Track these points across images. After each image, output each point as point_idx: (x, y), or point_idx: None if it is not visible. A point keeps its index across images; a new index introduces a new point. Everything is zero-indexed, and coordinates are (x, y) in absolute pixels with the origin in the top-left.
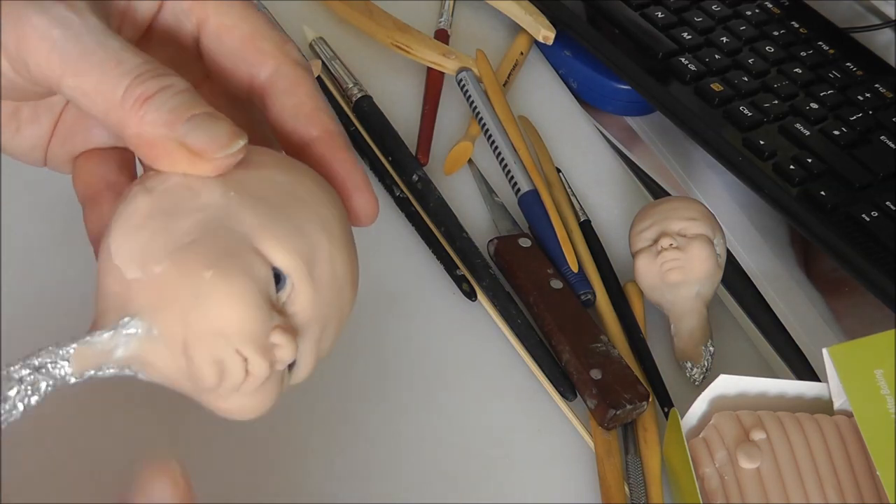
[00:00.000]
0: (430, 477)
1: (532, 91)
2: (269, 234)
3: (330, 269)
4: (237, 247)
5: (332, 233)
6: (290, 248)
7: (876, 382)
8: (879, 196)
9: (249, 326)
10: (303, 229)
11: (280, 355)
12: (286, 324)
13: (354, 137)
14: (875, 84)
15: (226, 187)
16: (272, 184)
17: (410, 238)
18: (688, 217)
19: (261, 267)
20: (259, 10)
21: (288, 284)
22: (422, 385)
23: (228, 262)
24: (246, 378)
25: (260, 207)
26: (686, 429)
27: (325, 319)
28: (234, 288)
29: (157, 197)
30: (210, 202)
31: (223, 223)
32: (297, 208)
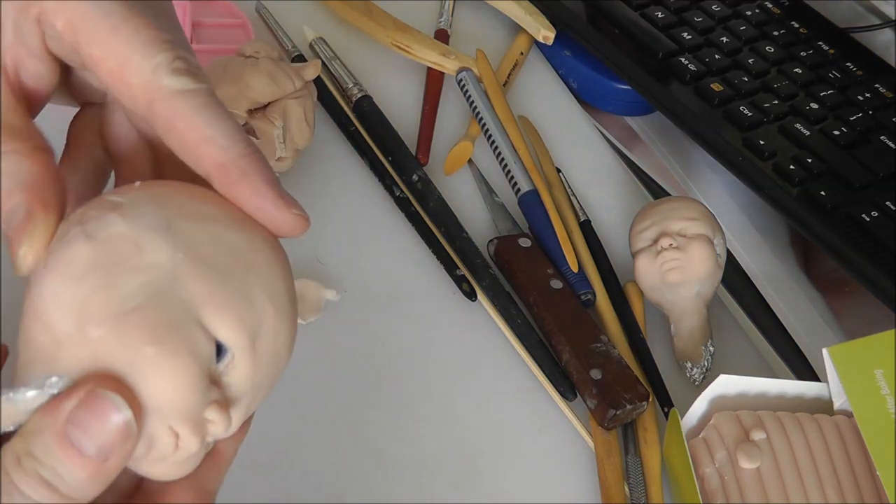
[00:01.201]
0: (429, 476)
1: (532, 91)
2: (216, 307)
3: (272, 342)
4: (182, 320)
5: (280, 306)
6: (236, 322)
7: (876, 382)
8: (879, 196)
9: (186, 404)
10: (252, 303)
11: (213, 431)
12: (222, 398)
13: (354, 137)
14: (875, 84)
15: (174, 247)
16: (221, 245)
17: (410, 238)
18: (688, 217)
19: (204, 343)
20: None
21: (228, 356)
22: (422, 385)
23: (172, 339)
24: (175, 451)
25: (209, 275)
26: (686, 429)
27: (260, 389)
28: (175, 367)
29: (98, 247)
30: (156, 262)
31: (169, 289)
32: (247, 277)
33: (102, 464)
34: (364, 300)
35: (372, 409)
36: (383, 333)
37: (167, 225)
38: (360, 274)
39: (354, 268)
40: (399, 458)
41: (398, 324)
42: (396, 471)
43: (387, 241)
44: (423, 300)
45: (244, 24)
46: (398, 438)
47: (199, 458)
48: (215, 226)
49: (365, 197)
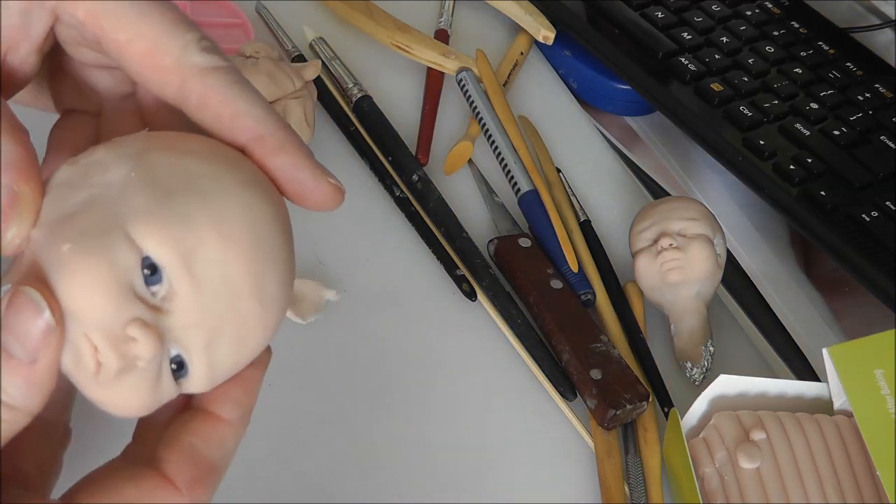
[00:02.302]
0: (429, 476)
1: (532, 91)
2: (145, 220)
3: (219, 270)
4: (108, 228)
5: (228, 233)
6: (165, 237)
7: (876, 382)
8: (879, 196)
9: (98, 312)
10: (187, 220)
11: (135, 350)
12: (150, 318)
13: (354, 137)
14: (875, 84)
15: (132, 168)
16: (181, 172)
17: (410, 238)
18: (688, 217)
19: (125, 252)
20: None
21: (165, 280)
22: (422, 385)
23: (89, 242)
24: (99, 368)
25: (151, 192)
26: (686, 429)
27: (214, 327)
28: (85, 269)
29: (75, 169)
30: (111, 179)
31: (110, 203)
32: (192, 199)
33: (32, 366)
34: (364, 300)
35: (371, 408)
36: (383, 333)
37: (138, 153)
38: (360, 274)
39: (354, 268)
40: (399, 457)
41: (398, 324)
42: (396, 470)
43: (387, 241)
44: (423, 300)
45: (244, 24)
46: (398, 438)
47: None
48: (186, 157)
49: (365, 197)
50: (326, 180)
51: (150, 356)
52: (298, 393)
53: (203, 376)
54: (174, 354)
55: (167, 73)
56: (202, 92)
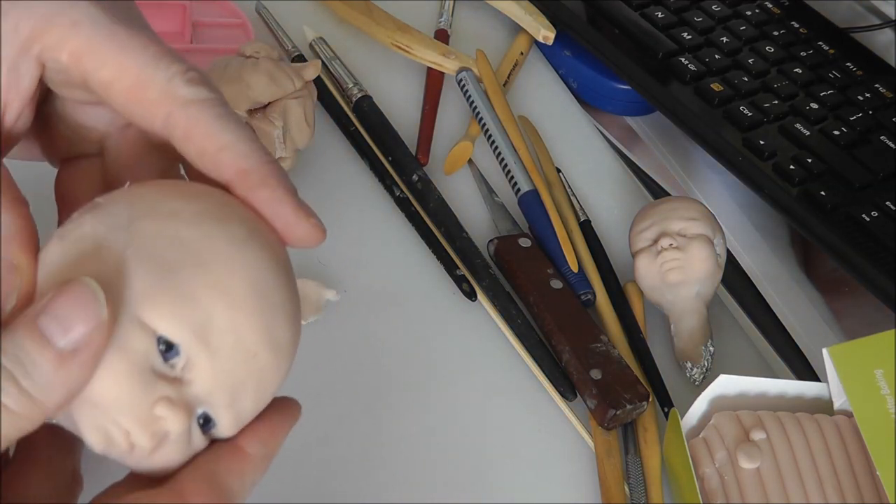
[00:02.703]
0: (430, 477)
1: (532, 91)
2: (153, 304)
3: (232, 337)
4: (115, 314)
5: (234, 299)
6: (176, 317)
7: (876, 382)
8: (879, 196)
9: (124, 400)
10: (194, 298)
11: (166, 427)
12: (174, 394)
13: (354, 137)
14: (875, 84)
15: (126, 244)
16: (175, 242)
17: (410, 238)
18: (688, 217)
19: (139, 338)
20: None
21: (182, 352)
22: (422, 385)
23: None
24: (131, 449)
25: (152, 270)
26: (686, 429)
27: (235, 386)
28: (104, 363)
29: (65, 246)
30: (107, 259)
31: (112, 286)
32: (194, 274)
33: (70, 357)
34: (364, 300)
35: (371, 408)
36: (383, 333)
37: (128, 224)
38: (360, 274)
39: (354, 268)
40: (399, 457)
41: (398, 324)
42: (396, 471)
43: (387, 241)
44: (423, 300)
45: (244, 24)
46: (398, 438)
47: (175, 453)
48: (173, 223)
49: (365, 197)
50: (307, 218)
51: (181, 430)
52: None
53: (230, 426)
54: (200, 413)
55: (153, 105)
56: (186, 124)
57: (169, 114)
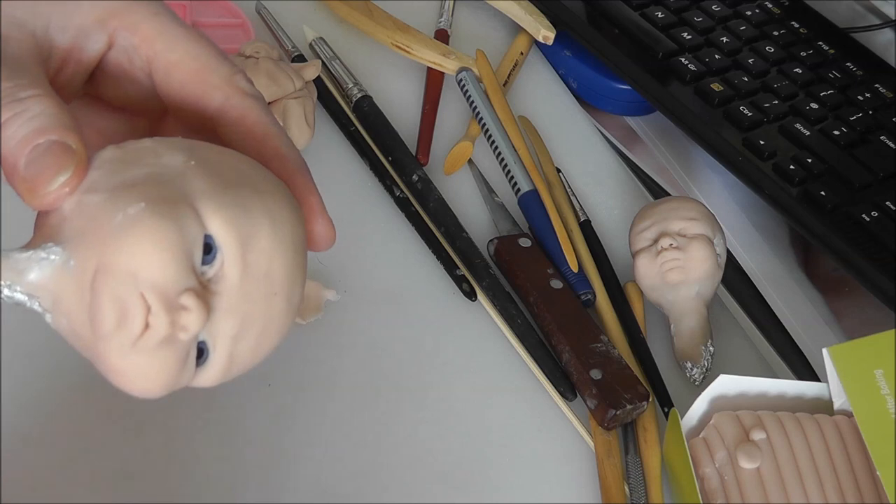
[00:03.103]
0: (429, 477)
1: (532, 91)
2: (213, 201)
3: (266, 262)
4: (177, 198)
5: (279, 231)
6: (229, 220)
7: (876, 382)
8: (879, 196)
9: (160, 273)
10: (249, 210)
11: (185, 321)
12: (200, 290)
13: (354, 137)
14: (875, 84)
15: (188, 157)
16: (235, 170)
17: (410, 238)
18: (688, 217)
19: (193, 224)
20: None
21: (217, 260)
22: (421, 385)
23: (161, 204)
24: (144, 330)
25: (214, 178)
26: (686, 429)
27: (247, 317)
28: (156, 229)
29: (122, 151)
30: (169, 163)
31: (173, 180)
32: (251, 194)
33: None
34: (364, 300)
35: (371, 408)
36: (383, 333)
37: (189, 148)
38: (360, 274)
39: (354, 268)
40: (398, 457)
41: (398, 323)
42: (396, 470)
43: (387, 241)
44: (423, 300)
45: (244, 24)
46: (397, 438)
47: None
48: (235, 160)
49: (365, 197)
50: (328, 217)
51: (198, 328)
52: (298, 393)
53: (220, 368)
54: (201, 339)
55: (213, 88)
56: (241, 110)
57: (227, 97)
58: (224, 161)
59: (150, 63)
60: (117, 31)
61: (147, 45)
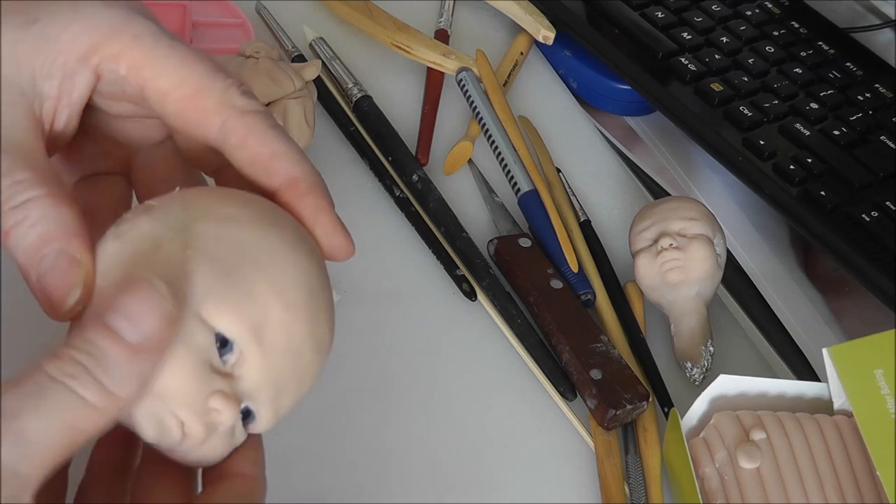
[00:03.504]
0: (429, 477)
1: (532, 91)
2: (215, 301)
3: (284, 336)
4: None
5: (288, 300)
6: (235, 315)
7: (876, 382)
8: (879, 196)
9: (183, 391)
10: (253, 296)
11: (218, 419)
12: (228, 388)
13: (354, 137)
14: (875, 84)
15: (186, 244)
16: (233, 244)
17: (410, 238)
18: (688, 217)
19: (200, 334)
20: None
21: (235, 349)
22: (421, 385)
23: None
24: (184, 438)
25: (213, 270)
26: (686, 429)
27: (280, 383)
28: (168, 357)
29: (123, 245)
30: (168, 256)
31: (175, 285)
32: (252, 273)
33: (141, 351)
34: (364, 300)
35: (371, 409)
36: (383, 333)
37: (185, 226)
38: (360, 274)
39: (354, 268)
40: (398, 458)
41: (398, 324)
42: (396, 471)
43: (387, 241)
44: (423, 300)
45: (244, 24)
46: (397, 439)
47: (219, 446)
48: (231, 226)
49: (365, 197)
50: (344, 232)
51: (231, 423)
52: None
53: (268, 421)
54: (242, 407)
55: (209, 113)
56: (242, 132)
57: (225, 121)
58: (221, 233)
59: (142, 91)
60: (102, 64)
61: (134, 74)
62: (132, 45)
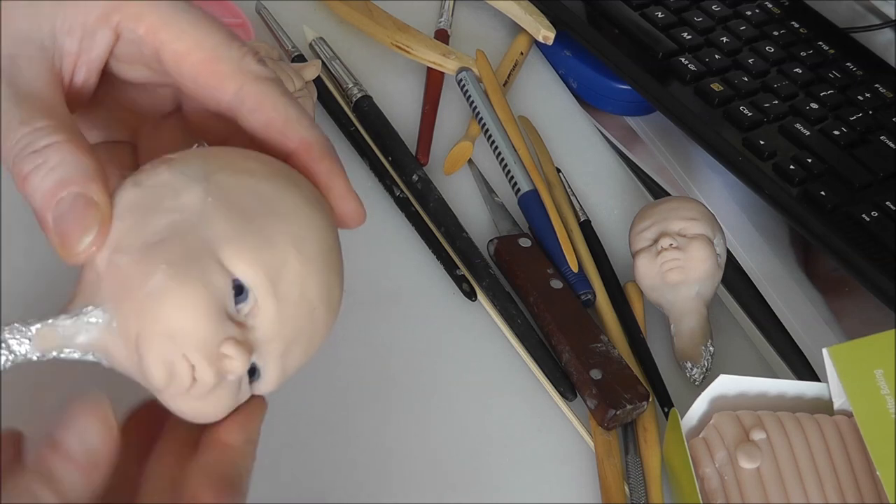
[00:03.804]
0: (429, 477)
1: (532, 91)
2: (235, 246)
3: (299, 288)
4: (200, 254)
5: (306, 252)
6: (254, 261)
7: (876, 382)
8: (879, 196)
9: (197, 334)
10: (272, 244)
11: (229, 367)
12: (241, 336)
13: (354, 137)
14: (875, 84)
15: (206, 191)
16: (253, 194)
17: (410, 238)
18: (688, 217)
19: (219, 277)
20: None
21: (251, 298)
22: (421, 385)
23: (186, 268)
24: (193, 384)
25: (234, 217)
26: (686, 429)
27: (291, 337)
28: (185, 294)
29: (142, 192)
30: (188, 204)
31: (194, 228)
32: (272, 222)
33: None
34: (364, 300)
35: (371, 409)
36: (383, 333)
37: (206, 175)
38: (359, 274)
39: (354, 268)
40: (398, 458)
41: (398, 324)
42: (395, 471)
43: (387, 241)
44: (423, 300)
45: (244, 24)
46: (397, 439)
47: (225, 398)
48: (251, 178)
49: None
50: (356, 197)
51: (243, 370)
52: (297, 393)
53: (274, 380)
54: (251, 362)
55: (225, 78)
56: (258, 97)
57: (241, 86)
58: (242, 184)
59: (158, 54)
60: (121, 24)
61: (152, 35)
62: (151, 7)
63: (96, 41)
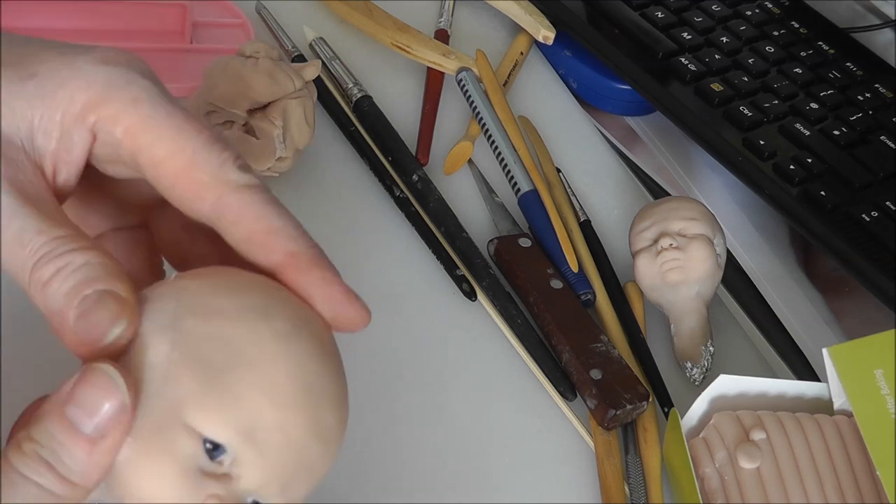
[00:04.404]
0: (429, 477)
1: (532, 91)
2: (201, 407)
3: (279, 434)
4: (165, 421)
5: (280, 398)
6: (221, 420)
7: (876, 382)
8: (879, 196)
9: (173, 500)
10: (241, 399)
11: None
12: (223, 489)
13: (354, 137)
14: (875, 84)
15: (173, 344)
16: (220, 342)
17: (410, 238)
18: (688, 217)
19: (187, 442)
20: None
21: (230, 451)
22: (421, 385)
23: (150, 439)
24: None
25: (198, 374)
26: (686, 429)
27: (286, 478)
28: (152, 465)
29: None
30: (154, 362)
31: (159, 390)
32: (241, 374)
33: (99, 442)
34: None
35: (371, 409)
36: (383, 333)
37: (174, 322)
38: (359, 274)
39: (354, 268)
40: (398, 457)
41: (398, 324)
42: (395, 471)
43: (387, 240)
44: (423, 300)
45: (244, 24)
46: (397, 438)
47: None
48: (220, 321)
49: (365, 197)
50: (357, 301)
51: None
52: None
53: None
54: (251, 501)
55: (204, 188)
56: (238, 208)
57: (219, 196)
58: (209, 331)
59: (136, 157)
60: (97, 124)
61: (130, 138)
62: (129, 108)
63: (74, 142)
